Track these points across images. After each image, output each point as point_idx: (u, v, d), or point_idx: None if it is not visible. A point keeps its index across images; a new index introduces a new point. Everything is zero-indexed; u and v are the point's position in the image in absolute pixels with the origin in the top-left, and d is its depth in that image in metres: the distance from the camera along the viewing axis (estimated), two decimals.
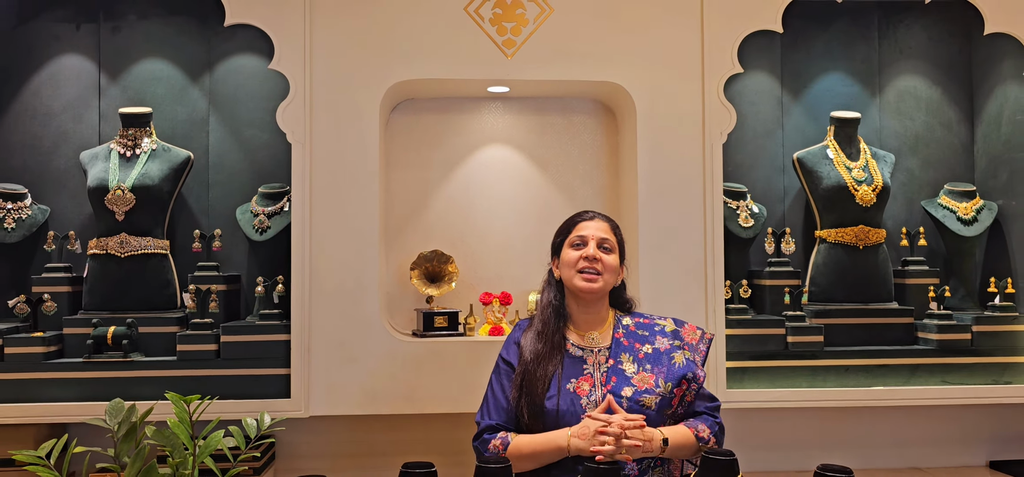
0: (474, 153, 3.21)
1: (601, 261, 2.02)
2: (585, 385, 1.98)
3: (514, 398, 1.99)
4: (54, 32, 3.15)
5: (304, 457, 2.99)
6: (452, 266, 3.04)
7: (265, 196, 3.05)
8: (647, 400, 1.94)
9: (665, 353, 2.02)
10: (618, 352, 2.02)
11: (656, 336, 2.06)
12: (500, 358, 2.08)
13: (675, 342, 2.04)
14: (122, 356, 2.75)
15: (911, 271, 3.16)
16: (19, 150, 3.13)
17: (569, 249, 2.06)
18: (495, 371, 2.07)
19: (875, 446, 3.16)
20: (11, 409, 2.70)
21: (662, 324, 2.09)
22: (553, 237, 2.14)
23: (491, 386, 2.06)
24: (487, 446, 1.95)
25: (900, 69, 3.40)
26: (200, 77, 3.18)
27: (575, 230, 2.08)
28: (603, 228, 2.08)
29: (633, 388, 1.96)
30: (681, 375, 1.98)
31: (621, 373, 1.98)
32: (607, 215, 2.14)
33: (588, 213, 2.12)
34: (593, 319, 2.07)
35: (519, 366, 2.01)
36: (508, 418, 2.00)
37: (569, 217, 2.14)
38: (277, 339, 2.80)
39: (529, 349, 2.01)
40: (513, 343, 2.08)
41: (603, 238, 2.05)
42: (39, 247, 3.05)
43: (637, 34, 2.93)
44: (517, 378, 2.00)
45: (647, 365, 1.99)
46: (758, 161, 3.32)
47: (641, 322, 2.10)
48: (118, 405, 1.36)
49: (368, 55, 2.86)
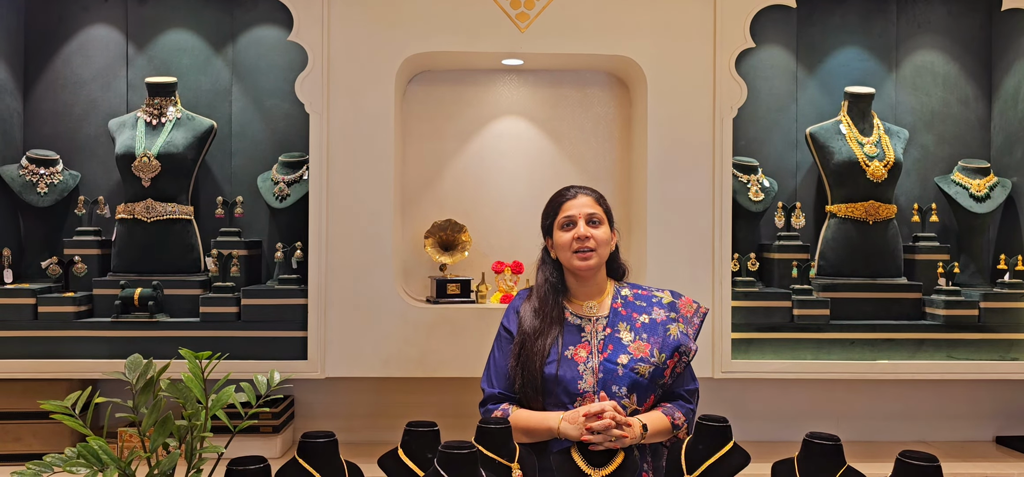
0: (488, 125, 3.27)
1: (592, 237, 2.08)
2: (582, 352, 2.05)
3: (511, 367, 2.07)
4: (83, 3, 3.25)
5: (320, 417, 3.12)
6: (465, 235, 3.11)
7: (285, 164, 3.14)
8: (641, 369, 2.01)
9: (661, 324, 2.08)
10: (615, 321, 2.09)
11: (653, 307, 2.12)
12: (502, 326, 2.16)
13: (671, 314, 2.11)
14: (148, 316, 2.88)
15: (921, 247, 3.17)
16: (51, 118, 3.25)
17: (560, 231, 2.12)
18: (497, 339, 2.16)
19: (882, 419, 3.20)
20: (44, 365, 2.84)
21: (660, 296, 2.16)
22: (542, 218, 2.20)
23: (493, 353, 2.15)
24: (490, 417, 2.05)
25: (918, 44, 3.38)
26: (223, 48, 3.27)
27: (562, 211, 2.13)
28: (588, 202, 2.12)
29: (629, 356, 2.02)
30: (675, 346, 2.05)
31: (618, 341, 2.05)
32: (589, 187, 2.19)
33: (570, 190, 2.16)
34: (592, 289, 2.14)
35: (517, 336, 2.09)
36: (510, 385, 2.09)
37: (552, 196, 2.19)
38: (295, 303, 2.91)
39: (528, 324, 2.09)
40: (514, 311, 2.16)
41: (590, 213, 2.11)
42: (70, 211, 3.18)
43: (650, 8, 2.96)
44: (515, 348, 2.08)
45: (643, 334, 2.06)
46: (771, 135, 3.34)
47: (639, 293, 2.16)
48: (136, 360, 1.46)
49: (384, 28, 2.92)
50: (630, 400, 2.01)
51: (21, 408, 2.86)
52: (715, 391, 3.02)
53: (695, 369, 2.17)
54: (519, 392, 2.06)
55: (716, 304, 2.92)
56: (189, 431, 1.44)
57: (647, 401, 2.04)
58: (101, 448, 1.36)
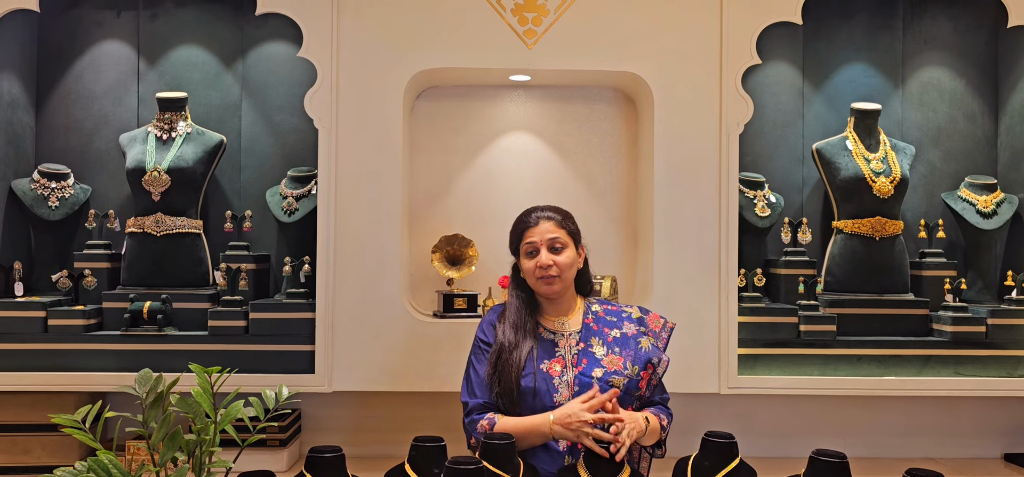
0: (496, 140, 3.29)
1: (555, 264, 2.11)
2: (557, 366, 2.10)
3: (488, 375, 2.11)
4: (96, 19, 3.29)
5: (327, 430, 3.12)
6: (472, 250, 3.13)
7: (294, 179, 3.16)
8: (616, 381, 2.06)
9: (632, 338, 2.14)
10: (588, 336, 2.14)
11: (624, 322, 2.18)
12: (477, 339, 2.19)
13: (640, 328, 2.17)
14: (157, 330, 2.90)
15: (928, 263, 3.17)
16: (62, 132, 3.28)
17: (524, 259, 2.16)
18: (473, 351, 2.19)
19: (888, 435, 3.19)
20: (54, 377, 2.86)
21: (628, 311, 2.22)
22: (508, 240, 2.23)
23: (471, 365, 2.17)
24: (475, 427, 2.06)
25: (924, 60, 3.39)
26: (233, 64, 3.30)
27: (525, 238, 2.15)
28: (549, 228, 2.14)
29: (603, 369, 2.08)
30: (647, 358, 2.10)
31: (591, 355, 2.10)
32: (553, 207, 2.21)
33: (532, 216, 2.17)
34: (561, 307, 2.19)
35: (494, 347, 2.13)
36: (491, 394, 2.11)
37: (516, 219, 2.21)
38: (303, 317, 2.92)
39: (504, 337, 2.12)
40: (488, 324, 2.20)
41: (552, 239, 2.13)
42: (81, 225, 3.21)
43: (656, 25, 2.97)
44: (492, 356, 2.12)
45: (615, 348, 2.12)
46: (778, 151, 3.35)
47: (609, 309, 2.22)
48: (146, 375, 1.47)
49: (392, 44, 2.94)
50: None
51: (31, 421, 2.88)
52: (721, 407, 3.02)
53: (701, 385, 2.22)
54: (495, 400, 2.09)
55: (723, 320, 2.92)
56: (198, 445, 1.46)
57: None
58: (111, 462, 1.38)
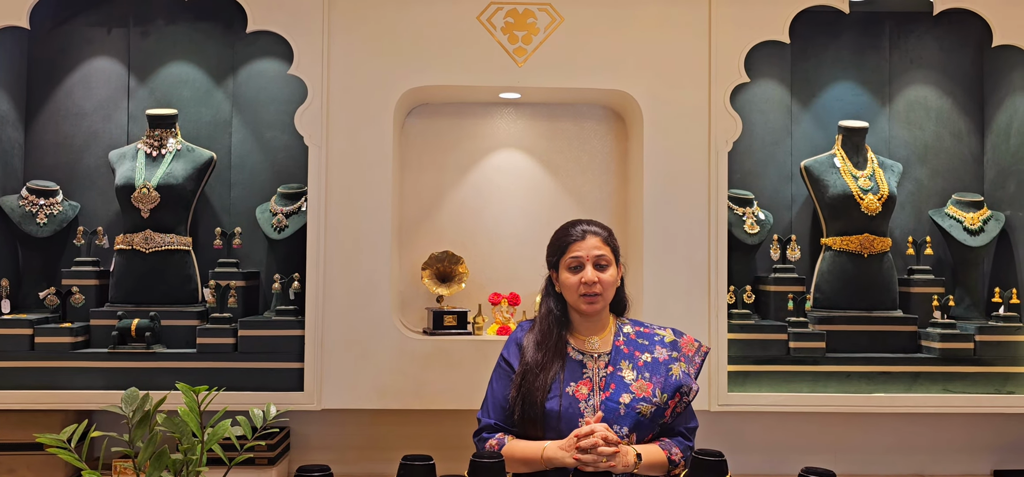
0: (486, 157, 3.30)
1: (600, 281, 2.04)
2: (583, 389, 2.02)
3: (512, 398, 2.04)
4: (87, 36, 3.29)
5: (316, 448, 3.11)
6: (462, 267, 3.13)
7: (284, 196, 3.16)
8: (643, 408, 1.98)
9: (664, 363, 2.05)
10: (618, 359, 2.06)
11: (656, 346, 2.08)
12: (501, 358, 2.13)
13: (673, 353, 2.07)
14: (145, 347, 2.88)
15: (916, 280, 3.18)
16: (52, 149, 3.27)
17: (566, 272, 2.07)
18: (496, 370, 2.13)
19: (878, 452, 3.20)
20: (40, 396, 2.84)
21: (662, 334, 2.12)
22: (547, 251, 2.15)
23: (491, 385, 2.12)
24: (484, 445, 2.03)
25: (911, 79, 3.42)
26: (224, 81, 3.31)
27: (569, 252, 2.07)
28: (596, 244, 2.06)
29: (631, 395, 2.00)
30: (676, 386, 2.02)
31: (620, 380, 2.02)
32: (598, 223, 2.13)
33: (579, 227, 2.10)
34: (595, 325, 2.11)
35: (519, 368, 2.06)
36: (507, 417, 2.05)
37: (560, 229, 2.13)
38: (292, 334, 2.91)
39: (530, 356, 2.06)
40: (515, 343, 2.13)
41: (598, 256, 2.05)
42: (69, 242, 3.19)
43: (646, 44, 3.00)
44: (517, 379, 2.05)
45: (646, 373, 2.03)
46: (767, 169, 3.37)
47: (641, 331, 2.12)
48: (133, 394, 1.46)
49: (383, 62, 2.95)
50: (630, 439, 1.99)
51: (17, 440, 2.85)
52: (711, 424, 3.01)
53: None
54: (518, 424, 2.04)
55: (712, 337, 2.92)
56: (185, 465, 1.44)
57: (646, 438, 2.03)
58: None
